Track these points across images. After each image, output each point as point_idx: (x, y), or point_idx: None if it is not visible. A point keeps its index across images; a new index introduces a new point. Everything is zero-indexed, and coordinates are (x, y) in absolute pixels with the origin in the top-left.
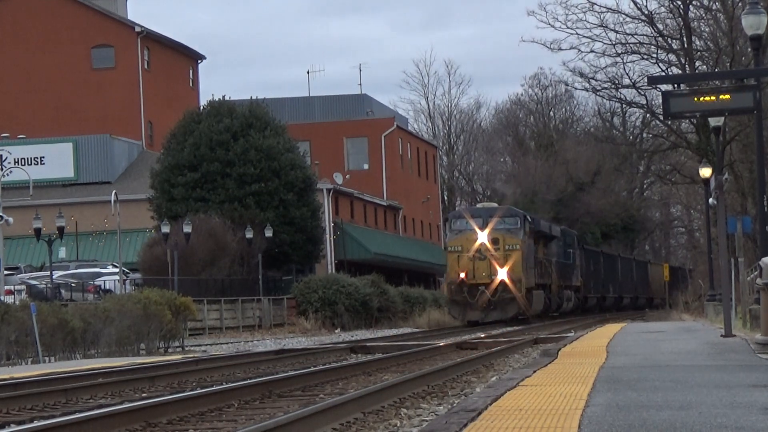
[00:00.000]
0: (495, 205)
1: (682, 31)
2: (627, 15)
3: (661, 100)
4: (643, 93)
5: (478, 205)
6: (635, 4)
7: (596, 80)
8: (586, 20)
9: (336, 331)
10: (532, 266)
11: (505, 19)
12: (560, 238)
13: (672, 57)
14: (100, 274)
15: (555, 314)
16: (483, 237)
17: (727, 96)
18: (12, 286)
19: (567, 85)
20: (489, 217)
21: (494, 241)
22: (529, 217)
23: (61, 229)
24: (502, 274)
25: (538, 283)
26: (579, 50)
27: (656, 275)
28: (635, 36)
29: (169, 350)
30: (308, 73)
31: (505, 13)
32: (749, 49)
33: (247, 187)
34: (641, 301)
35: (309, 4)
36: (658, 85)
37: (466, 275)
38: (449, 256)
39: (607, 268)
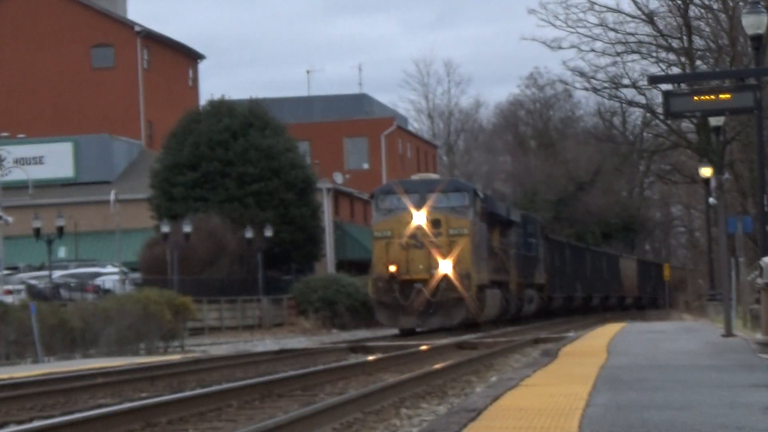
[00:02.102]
0: (436, 176)
1: (683, 30)
2: (627, 14)
3: (661, 100)
4: (643, 92)
5: (414, 177)
6: (635, 3)
7: (596, 80)
8: (586, 20)
9: (332, 330)
10: (484, 257)
11: (514, 18)
12: (521, 225)
13: (672, 56)
14: (99, 274)
15: (514, 319)
16: (420, 218)
17: (728, 95)
18: (12, 286)
19: (566, 84)
20: (428, 192)
21: (435, 223)
22: (480, 193)
23: (60, 229)
24: (445, 267)
25: (494, 280)
26: (579, 49)
27: (628, 271)
28: (635, 35)
29: (169, 350)
30: (308, 72)
31: (515, 13)
32: (750, 49)
33: (247, 187)
34: (612, 300)
35: (316, 4)
36: (659, 85)
37: (398, 269)
38: (375, 245)
39: (575, 263)
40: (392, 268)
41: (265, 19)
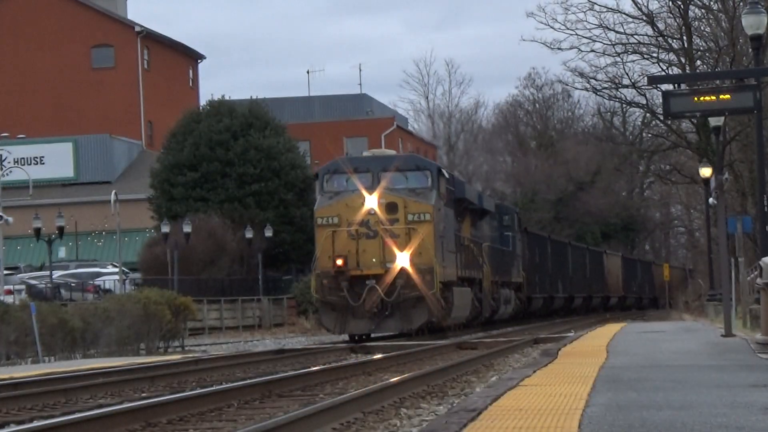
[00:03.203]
0: (392, 151)
1: (683, 30)
2: (627, 15)
3: (661, 100)
4: (643, 93)
5: (366, 153)
6: (635, 3)
7: (596, 80)
8: (586, 20)
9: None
10: (451, 249)
11: (516, 18)
12: (495, 216)
13: (672, 57)
14: (99, 274)
15: (488, 323)
16: (372, 201)
17: (727, 96)
18: (12, 286)
19: (565, 84)
20: (382, 171)
21: (390, 207)
22: (446, 173)
23: (60, 229)
24: (403, 259)
25: (463, 277)
26: (579, 50)
27: (613, 268)
28: (635, 36)
29: (169, 350)
30: (308, 72)
31: (517, 13)
32: (749, 49)
33: (247, 187)
34: (595, 301)
35: (317, 4)
36: (659, 85)
37: (345, 262)
38: (319, 233)
39: (556, 260)
40: (339, 262)
41: (266, 19)
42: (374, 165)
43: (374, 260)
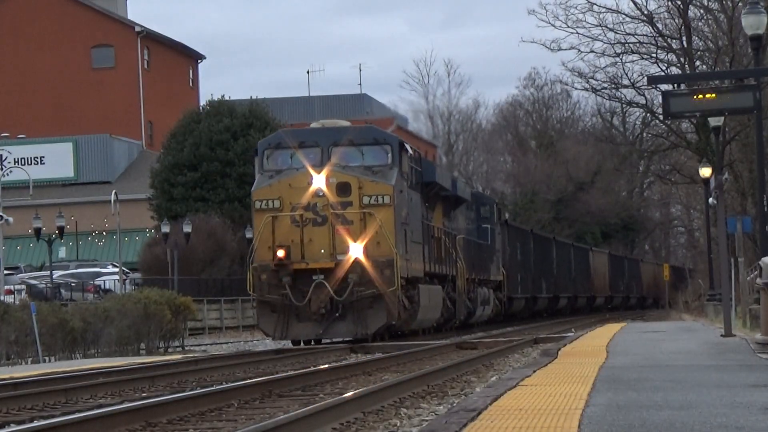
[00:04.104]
0: (345, 123)
1: (682, 30)
2: (627, 15)
3: (661, 100)
4: (642, 93)
5: (314, 124)
6: (635, 4)
7: (596, 80)
8: (585, 20)
9: None
10: (418, 240)
11: (518, 18)
12: (472, 206)
13: (672, 57)
14: (100, 274)
15: (463, 326)
16: (320, 181)
17: (727, 96)
18: (12, 286)
19: (565, 84)
20: (333, 146)
21: (342, 188)
22: (410, 149)
23: (61, 229)
24: (357, 250)
25: (433, 273)
26: (579, 50)
27: (599, 267)
28: (635, 36)
29: (169, 350)
30: (308, 72)
31: (520, 13)
32: (749, 49)
33: (247, 187)
34: (581, 301)
35: (318, 4)
36: (658, 85)
37: (287, 254)
38: (257, 219)
39: (540, 256)
40: (280, 254)
41: (266, 19)
42: (324, 138)
43: (322, 251)
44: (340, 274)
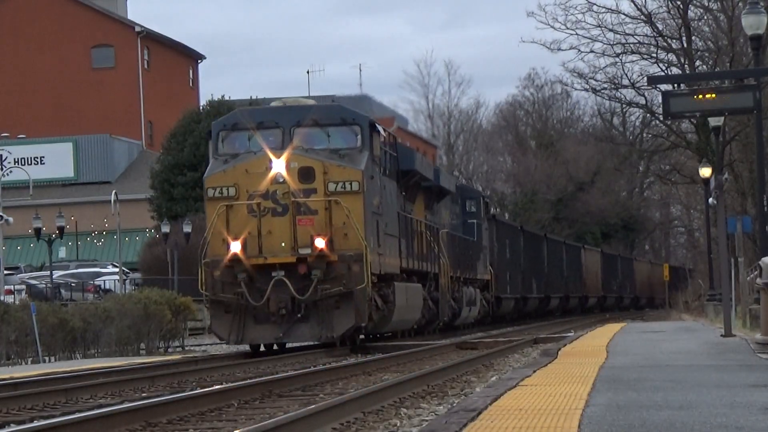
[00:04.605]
0: (310, 101)
1: (682, 31)
2: (626, 15)
3: (660, 100)
4: (642, 93)
5: (275, 103)
6: (634, 4)
7: (596, 80)
8: (585, 21)
9: None
10: (393, 232)
11: (519, 19)
12: (457, 199)
13: (672, 57)
14: (100, 274)
15: (448, 328)
16: (280, 166)
17: (727, 96)
18: (12, 286)
19: (565, 85)
20: (295, 126)
21: (305, 173)
22: (383, 131)
23: (61, 229)
24: (321, 243)
25: (411, 270)
26: (579, 50)
27: (592, 265)
28: (635, 36)
29: (169, 350)
30: (308, 72)
31: (522, 13)
32: (749, 49)
33: None
34: (573, 301)
35: (320, 4)
36: (658, 85)
37: (243, 248)
38: (209, 209)
39: (530, 254)
40: (236, 247)
41: (267, 19)
42: (285, 118)
43: (283, 245)
44: (302, 270)
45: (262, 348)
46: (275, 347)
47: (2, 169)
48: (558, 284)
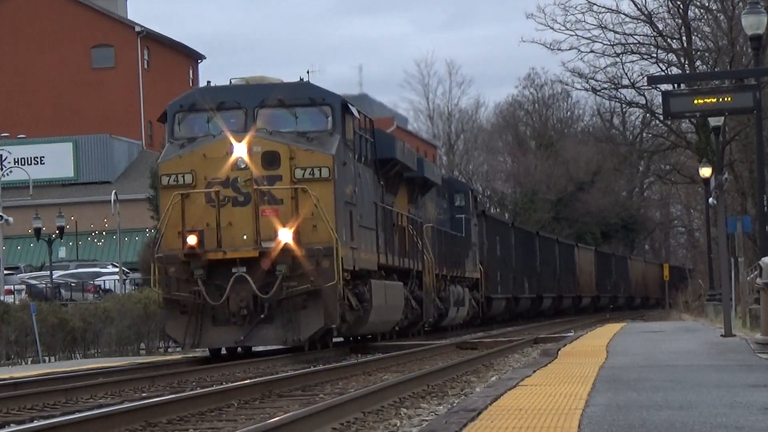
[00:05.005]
0: (275, 79)
1: (682, 30)
2: (626, 15)
3: (660, 100)
4: (642, 93)
5: (236, 81)
6: (634, 4)
7: (596, 80)
8: (585, 21)
9: None
10: (369, 225)
11: (520, 19)
12: (444, 192)
13: (672, 57)
14: (100, 274)
15: (435, 330)
16: (241, 150)
17: (727, 96)
18: (12, 286)
19: (565, 84)
20: (259, 107)
21: (269, 159)
22: (356, 113)
23: (61, 229)
24: (286, 236)
25: (391, 266)
26: (579, 51)
27: (585, 264)
28: (635, 36)
29: (169, 350)
30: (308, 72)
31: (523, 14)
32: (749, 49)
33: None
34: (566, 301)
35: (321, 4)
36: (658, 85)
37: (200, 241)
38: (163, 198)
39: (522, 252)
40: (191, 241)
41: (268, 19)
42: (248, 98)
43: (244, 237)
44: (266, 266)
45: (223, 351)
46: (240, 350)
47: (2, 169)
48: (551, 283)
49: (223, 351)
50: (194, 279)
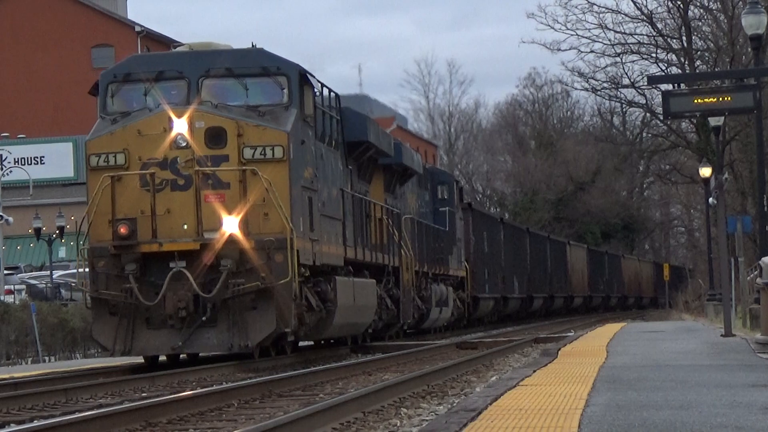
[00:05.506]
0: (224, 45)
1: (682, 30)
2: (626, 15)
3: (660, 100)
4: (642, 93)
5: (180, 48)
6: (635, 3)
7: (596, 80)
8: (585, 20)
9: None
10: (334, 214)
11: (521, 19)
12: (425, 182)
13: (672, 57)
14: None
15: (417, 332)
16: (182, 126)
17: (727, 96)
18: (12, 286)
19: (565, 84)
20: (204, 77)
21: (214, 136)
22: (317, 84)
23: (61, 229)
24: (232, 225)
25: (358, 261)
26: (579, 50)
27: (577, 263)
28: (635, 36)
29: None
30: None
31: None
32: (749, 49)
33: None
34: (557, 302)
35: (322, 4)
36: (658, 85)
37: (132, 230)
38: (91, 181)
39: (511, 250)
40: (122, 230)
41: (266, 19)
42: (191, 67)
43: (185, 227)
44: (208, 260)
45: (163, 358)
46: (184, 356)
47: (2, 169)
48: (542, 283)
49: (163, 358)
50: (126, 275)
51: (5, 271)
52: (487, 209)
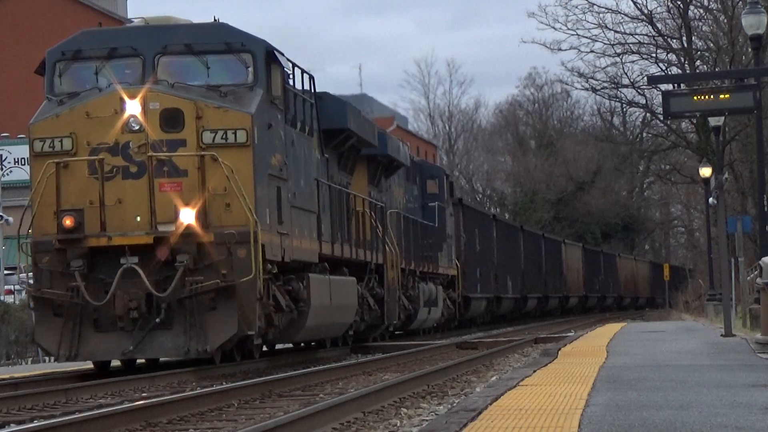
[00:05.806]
0: (183, 20)
1: (682, 30)
2: (626, 15)
3: (660, 100)
4: (642, 93)
5: (136, 21)
6: (635, 3)
7: (596, 80)
8: (585, 20)
9: None
10: (307, 206)
11: (522, 19)
12: (413, 176)
13: (672, 57)
14: None
15: (405, 333)
16: (135, 108)
17: (727, 96)
18: (12, 286)
19: (565, 84)
20: (161, 54)
21: (169, 118)
22: (285, 61)
23: None
24: (188, 216)
25: (335, 257)
26: (579, 50)
27: (573, 262)
28: (635, 36)
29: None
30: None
31: (525, 14)
32: (749, 49)
33: None
34: (552, 301)
35: (323, 4)
36: (658, 85)
37: (79, 222)
38: (35, 167)
39: (504, 248)
40: (68, 222)
41: (266, 19)
42: (147, 43)
43: (137, 219)
44: (163, 256)
45: (116, 362)
46: (143, 361)
47: (2, 169)
48: (536, 282)
49: (117, 363)
50: (71, 272)
51: (5, 271)
52: (487, 209)
